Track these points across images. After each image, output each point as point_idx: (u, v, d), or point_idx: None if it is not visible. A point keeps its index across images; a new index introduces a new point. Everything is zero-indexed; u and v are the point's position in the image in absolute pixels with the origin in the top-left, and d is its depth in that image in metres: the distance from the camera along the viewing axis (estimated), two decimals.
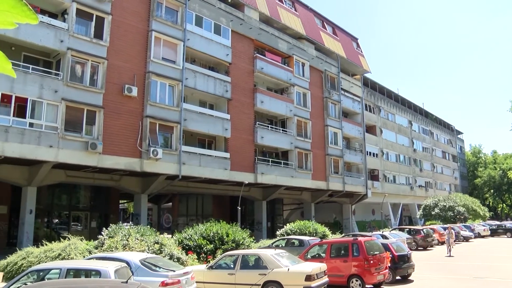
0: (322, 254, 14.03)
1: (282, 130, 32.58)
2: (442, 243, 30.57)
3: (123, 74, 22.08)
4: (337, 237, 24.42)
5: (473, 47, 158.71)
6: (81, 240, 14.28)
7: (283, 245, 19.51)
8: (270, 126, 31.88)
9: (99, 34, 21.23)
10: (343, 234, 29.37)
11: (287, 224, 24.51)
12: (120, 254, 10.36)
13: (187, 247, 16.06)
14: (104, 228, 14.97)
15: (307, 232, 22.55)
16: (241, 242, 17.02)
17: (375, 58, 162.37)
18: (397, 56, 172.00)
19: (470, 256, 24.30)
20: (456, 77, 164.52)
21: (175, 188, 27.92)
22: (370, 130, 48.44)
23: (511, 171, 63.68)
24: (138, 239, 13.64)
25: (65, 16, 20.74)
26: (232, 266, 11.95)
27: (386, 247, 14.85)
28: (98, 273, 7.56)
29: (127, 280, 6.04)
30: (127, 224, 19.01)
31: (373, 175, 47.27)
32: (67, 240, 14.04)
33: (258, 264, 11.65)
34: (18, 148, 17.73)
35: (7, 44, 18.49)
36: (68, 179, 22.41)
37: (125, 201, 41.30)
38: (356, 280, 12.96)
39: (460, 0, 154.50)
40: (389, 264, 14.09)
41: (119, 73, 21.92)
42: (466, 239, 37.20)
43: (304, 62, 35.44)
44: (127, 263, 9.05)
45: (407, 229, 31.63)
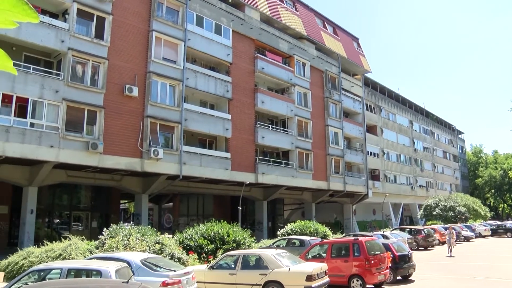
0: (323, 254, 14.03)
1: (283, 130, 32.57)
2: (443, 243, 30.55)
3: (124, 74, 22.09)
4: (338, 237, 24.42)
5: (473, 47, 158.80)
6: (82, 240, 14.28)
7: (284, 245, 19.51)
8: (271, 126, 31.88)
9: (100, 34, 21.24)
10: (344, 234, 29.36)
11: (288, 224, 24.51)
12: (121, 254, 10.36)
13: (188, 247, 16.06)
14: (105, 228, 14.96)
15: (308, 232, 22.54)
16: (242, 242, 17.02)
17: (376, 58, 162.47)
18: (397, 56, 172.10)
19: (471, 256, 24.27)
20: (456, 77, 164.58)
21: (176, 188, 27.94)
22: (371, 130, 48.41)
23: None
24: (139, 239, 13.64)
25: (66, 16, 20.76)
26: (233, 266, 11.95)
27: (387, 247, 14.84)
28: (99, 273, 7.57)
29: (128, 280, 6.04)
30: (128, 224, 19.03)
31: (374, 175, 47.25)
32: (68, 240, 14.04)
33: (259, 264, 11.65)
34: (19, 148, 17.75)
35: (8, 44, 18.50)
36: (69, 179, 22.43)
37: (126, 201, 41.34)
38: (357, 280, 12.95)
39: (460, 0, 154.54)
40: (390, 264, 14.08)
41: (120, 73, 21.93)
42: (467, 239, 37.17)
43: (305, 62, 35.43)
44: (128, 263, 9.05)
45: (408, 229, 31.60)
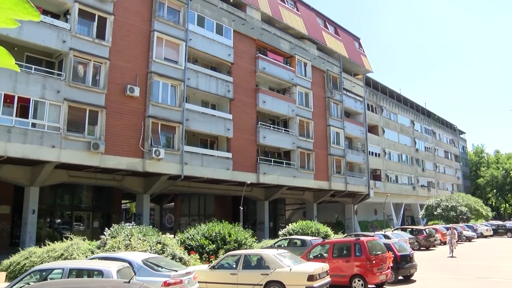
0: (324, 254, 14.02)
1: (284, 130, 32.56)
2: (445, 243, 30.48)
3: (125, 74, 22.10)
4: (339, 237, 24.40)
5: (473, 47, 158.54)
6: (83, 240, 14.28)
7: (285, 245, 19.49)
8: (272, 126, 31.87)
9: (101, 34, 21.26)
10: (345, 234, 29.35)
11: (289, 224, 24.51)
12: (123, 254, 10.37)
13: (189, 247, 16.07)
14: (106, 228, 14.98)
15: (309, 232, 22.54)
16: (243, 242, 17.01)
17: (377, 58, 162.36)
18: (399, 55, 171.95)
19: (472, 256, 24.23)
20: (457, 76, 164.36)
21: (178, 188, 27.95)
22: (372, 130, 48.36)
23: None
24: (140, 239, 13.65)
25: (67, 16, 20.78)
26: (234, 266, 11.94)
27: (389, 247, 14.82)
28: (101, 273, 7.57)
29: (129, 280, 6.05)
30: (129, 224, 19.03)
31: (375, 175, 47.20)
32: (69, 240, 14.04)
33: (260, 264, 11.64)
34: (20, 148, 17.78)
35: (10, 44, 18.51)
36: (70, 179, 22.45)
37: (127, 201, 41.38)
38: (359, 280, 12.94)
39: (460, 0, 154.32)
40: (391, 264, 14.06)
41: (121, 73, 21.95)
42: (469, 239, 37.12)
43: (306, 62, 35.42)
44: (130, 263, 9.06)
45: (410, 229, 31.57)
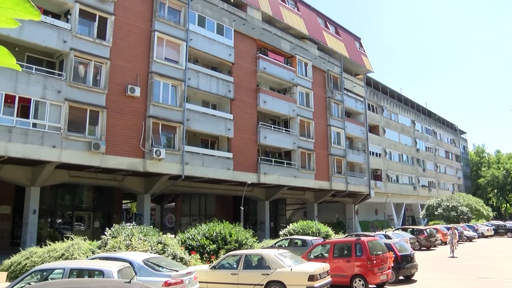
0: (325, 254, 14.01)
1: (285, 130, 32.56)
2: (445, 243, 30.44)
3: (126, 75, 22.12)
4: (340, 237, 24.39)
5: (473, 47, 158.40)
6: (84, 240, 14.28)
7: (286, 245, 19.48)
8: (273, 126, 31.88)
9: (102, 34, 21.27)
10: (346, 234, 29.34)
11: (290, 224, 24.49)
12: (123, 254, 10.37)
13: (190, 247, 16.06)
14: (107, 228, 14.96)
15: (310, 232, 22.52)
16: (244, 242, 16.99)
17: (377, 58, 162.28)
18: (399, 55, 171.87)
19: (473, 256, 24.21)
20: (458, 76, 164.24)
21: (178, 188, 27.96)
22: (373, 130, 48.33)
23: None
24: (141, 239, 13.64)
25: (68, 16, 20.80)
26: (235, 266, 11.93)
27: (389, 247, 14.81)
28: (101, 273, 7.57)
29: (130, 280, 6.04)
30: (130, 224, 19.03)
31: (376, 175, 47.18)
32: (70, 240, 14.05)
33: (261, 264, 11.63)
34: (21, 148, 17.79)
35: (11, 44, 18.52)
36: (71, 179, 22.47)
37: (128, 201, 41.43)
38: (359, 280, 12.93)
39: (460, 0, 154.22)
40: (392, 264, 14.05)
41: (122, 73, 21.96)
42: (470, 239, 37.09)
43: (307, 62, 35.42)
44: (130, 263, 9.05)
45: (410, 229, 31.54)
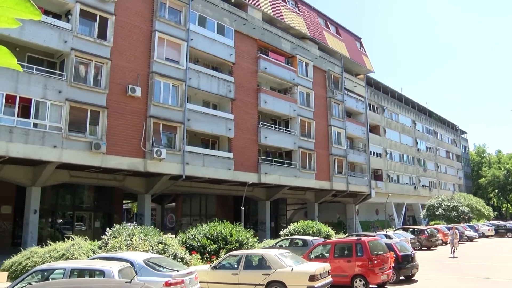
0: (325, 254, 14.01)
1: (286, 130, 32.55)
2: (446, 243, 30.41)
3: (126, 75, 22.13)
4: (340, 237, 24.38)
5: (474, 46, 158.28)
6: (85, 240, 14.29)
7: (287, 245, 19.48)
8: (273, 126, 31.88)
9: (102, 34, 21.28)
10: (346, 234, 29.33)
11: (291, 224, 24.50)
12: (124, 254, 10.37)
13: (191, 247, 16.06)
14: (108, 228, 14.98)
15: (310, 232, 22.52)
16: (244, 242, 17.00)
17: (378, 58, 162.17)
18: (400, 55, 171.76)
19: (474, 256, 24.19)
20: (458, 76, 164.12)
21: (179, 188, 27.96)
22: (374, 130, 48.31)
23: None
24: (141, 239, 13.65)
25: (68, 16, 20.80)
26: (235, 266, 11.93)
27: (390, 247, 14.80)
28: (102, 273, 7.57)
29: (131, 280, 6.04)
30: (130, 224, 19.05)
31: (376, 175, 47.15)
32: (71, 240, 14.05)
33: (262, 264, 11.64)
34: (22, 148, 17.80)
35: (12, 45, 18.54)
36: (72, 179, 22.48)
37: (128, 201, 41.45)
38: (360, 280, 12.92)
39: (460, 0, 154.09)
40: (393, 264, 14.04)
41: (123, 73, 21.97)
42: (470, 239, 37.07)
43: (308, 62, 35.41)
44: (131, 263, 9.05)
45: (411, 229, 31.54)
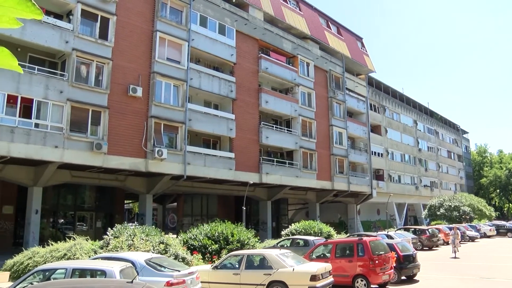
0: (327, 254, 13.99)
1: (287, 130, 32.54)
2: (448, 243, 30.37)
3: (128, 75, 22.14)
4: (342, 237, 24.36)
5: (474, 46, 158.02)
6: (86, 240, 14.32)
7: (288, 245, 19.47)
8: (275, 126, 31.87)
9: (104, 34, 21.30)
10: (348, 234, 29.30)
11: (292, 224, 24.48)
12: (125, 254, 10.38)
13: (192, 247, 16.08)
14: (109, 228, 15.01)
15: (312, 232, 22.51)
16: (246, 242, 17.01)
17: (379, 58, 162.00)
18: (401, 55, 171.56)
19: (475, 256, 24.14)
20: (459, 76, 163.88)
21: (180, 188, 27.96)
22: (375, 129, 48.27)
23: None
24: (143, 239, 13.66)
25: (70, 17, 20.83)
26: (237, 266, 11.93)
27: (391, 247, 14.78)
28: (104, 273, 7.57)
29: (132, 280, 6.04)
30: (132, 224, 19.08)
31: (378, 175, 47.11)
32: (72, 240, 14.08)
33: (263, 264, 11.63)
34: (24, 148, 17.83)
35: (13, 45, 18.59)
36: (73, 179, 22.51)
37: (130, 201, 41.46)
38: (361, 280, 12.91)
39: (460, 0, 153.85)
40: (394, 264, 14.03)
41: (124, 73, 21.98)
42: (472, 239, 37.01)
43: (309, 62, 35.39)
44: (132, 263, 9.06)
45: (412, 229, 31.49)
